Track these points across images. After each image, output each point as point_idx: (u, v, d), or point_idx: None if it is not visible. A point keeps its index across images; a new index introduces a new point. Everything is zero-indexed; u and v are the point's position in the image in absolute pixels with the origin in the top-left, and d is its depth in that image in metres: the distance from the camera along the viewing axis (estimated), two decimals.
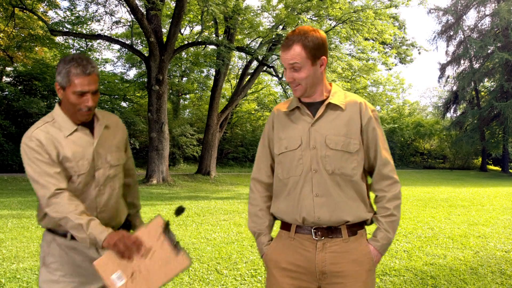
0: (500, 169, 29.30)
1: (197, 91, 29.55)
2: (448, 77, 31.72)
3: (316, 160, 1.54)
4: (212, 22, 18.12)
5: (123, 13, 32.30)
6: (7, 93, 19.80)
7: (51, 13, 19.72)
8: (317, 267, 1.53)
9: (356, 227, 1.56)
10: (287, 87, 22.54)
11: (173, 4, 17.50)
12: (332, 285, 1.54)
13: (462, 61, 30.08)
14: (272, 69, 20.28)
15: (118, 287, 1.39)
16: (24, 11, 15.60)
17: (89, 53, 22.21)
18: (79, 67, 1.52)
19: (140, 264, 1.42)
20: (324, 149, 1.53)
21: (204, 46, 19.23)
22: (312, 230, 1.54)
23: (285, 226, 1.62)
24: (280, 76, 20.60)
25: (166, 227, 1.46)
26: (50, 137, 1.58)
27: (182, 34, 20.86)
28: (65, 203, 1.50)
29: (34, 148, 1.55)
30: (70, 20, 17.34)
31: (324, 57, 1.53)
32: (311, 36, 1.49)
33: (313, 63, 1.51)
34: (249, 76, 19.64)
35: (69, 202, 1.51)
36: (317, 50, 1.50)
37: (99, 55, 27.83)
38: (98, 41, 20.73)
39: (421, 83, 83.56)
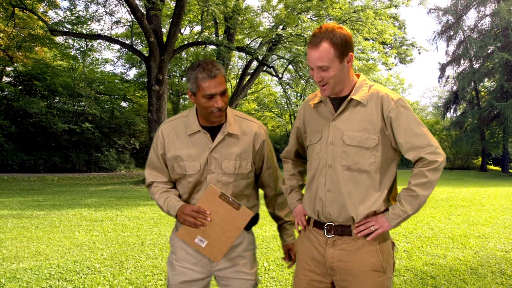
0: (500, 169, 29.27)
1: None
2: (448, 77, 31.70)
3: (332, 156, 1.56)
4: (212, 22, 18.12)
5: (123, 13, 32.32)
6: (7, 93, 19.81)
7: (51, 13, 19.75)
8: (327, 262, 1.58)
9: None
10: (287, 87, 22.55)
11: (173, 4, 17.51)
12: (341, 281, 1.57)
13: (462, 61, 30.03)
14: (272, 69, 20.28)
15: (204, 248, 1.67)
16: (24, 11, 15.60)
17: (89, 53, 22.25)
18: (204, 71, 1.59)
19: (212, 228, 1.65)
20: (341, 145, 1.55)
21: (204, 46, 19.24)
22: (324, 227, 1.59)
23: (308, 219, 1.70)
24: (280, 76, 20.61)
25: (220, 192, 1.65)
26: (173, 134, 1.75)
27: (182, 34, 20.87)
28: (156, 189, 1.78)
29: (158, 137, 1.78)
30: (70, 20, 17.36)
31: (351, 53, 1.52)
32: (338, 33, 1.47)
33: (341, 60, 1.50)
34: (249, 76, 19.64)
35: (159, 188, 1.78)
36: (345, 47, 1.49)
37: (99, 55, 27.89)
38: (98, 41, 20.76)
39: (421, 83, 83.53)
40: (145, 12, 14.05)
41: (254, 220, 1.85)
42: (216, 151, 1.70)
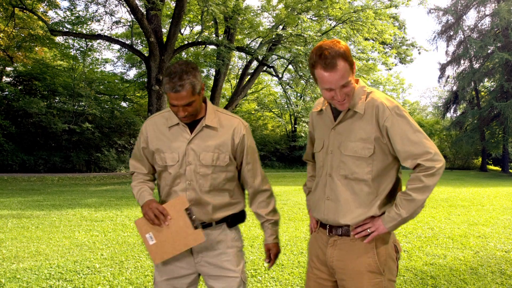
0: (500, 169, 29.27)
1: None
2: (448, 77, 31.70)
3: (331, 165, 1.60)
4: (212, 22, 18.12)
5: (123, 13, 32.31)
6: (7, 93, 19.80)
7: (51, 13, 19.74)
8: (328, 261, 1.63)
9: None
10: (287, 87, 22.54)
11: (173, 4, 17.51)
12: (339, 280, 1.62)
13: (462, 61, 30.03)
14: (272, 69, 20.28)
15: (150, 245, 1.70)
16: (24, 11, 15.60)
17: (89, 53, 22.24)
18: (169, 83, 1.62)
19: (166, 232, 1.69)
20: (338, 155, 1.58)
21: (204, 46, 19.23)
22: (327, 227, 1.64)
23: (316, 220, 1.75)
24: (280, 76, 20.60)
25: (188, 206, 1.70)
26: (155, 128, 1.83)
27: (182, 34, 20.86)
28: (135, 179, 1.89)
29: (142, 132, 1.87)
30: (70, 20, 17.35)
31: (354, 61, 1.53)
32: (343, 48, 1.46)
33: (352, 72, 1.50)
34: (249, 76, 19.64)
35: (138, 178, 1.89)
36: (351, 59, 1.49)
37: (99, 55, 27.87)
38: (98, 41, 20.74)
39: (421, 83, 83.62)
40: (145, 12, 14.05)
41: (240, 218, 1.88)
42: (193, 142, 1.75)
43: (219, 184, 1.78)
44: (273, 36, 15.99)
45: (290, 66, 20.14)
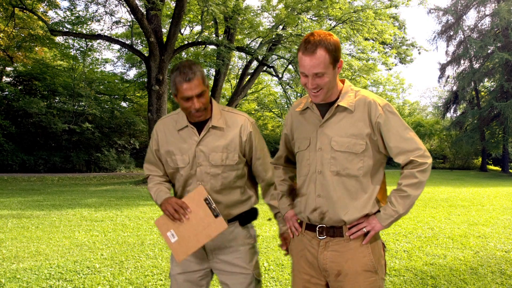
0: (500, 169, 29.28)
1: None
2: (448, 77, 31.70)
3: (321, 162, 1.58)
4: (212, 22, 18.11)
5: (123, 13, 32.30)
6: (7, 93, 19.80)
7: (51, 13, 19.73)
8: (320, 264, 1.60)
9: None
10: (287, 87, 22.54)
11: (173, 4, 17.50)
12: (334, 282, 1.59)
13: (462, 61, 30.03)
14: (272, 69, 20.28)
15: (172, 243, 1.69)
16: (24, 11, 15.60)
17: (89, 53, 22.24)
18: (181, 75, 1.67)
19: (187, 226, 1.69)
20: (329, 151, 1.57)
21: (204, 46, 19.23)
22: (317, 229, 1.61)
23: (300, 222, 1.73)
24: (280, 76, 20.61)
25: (206, 195, 1.71)
26: (165, 130, 1.86)
27: (182, 34, 20.86)
28: (151, 181, 1.90)
29: (153, 135, 1.91)
30: (70, 20, 17.34)
31: (341, 59, 1.55)
32: (331, 40, 1.48)
33: (334, 67, 1.51)
34: (249, 76, 19.64)
35: (154, 180, 1.89)
36: (337, 54, 1.51)
37: (99, 55, 27.87)
38: (98, 41, 20.73)
39: (421, 83, 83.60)
40: (145, 12, 14.05)
41: (252, 215, 1.92)
42: (202, 144, 1.79)
43: (230, 183, 1.82)
44: (273, 36, 15.98)
45: (290, 66, 20.15)
